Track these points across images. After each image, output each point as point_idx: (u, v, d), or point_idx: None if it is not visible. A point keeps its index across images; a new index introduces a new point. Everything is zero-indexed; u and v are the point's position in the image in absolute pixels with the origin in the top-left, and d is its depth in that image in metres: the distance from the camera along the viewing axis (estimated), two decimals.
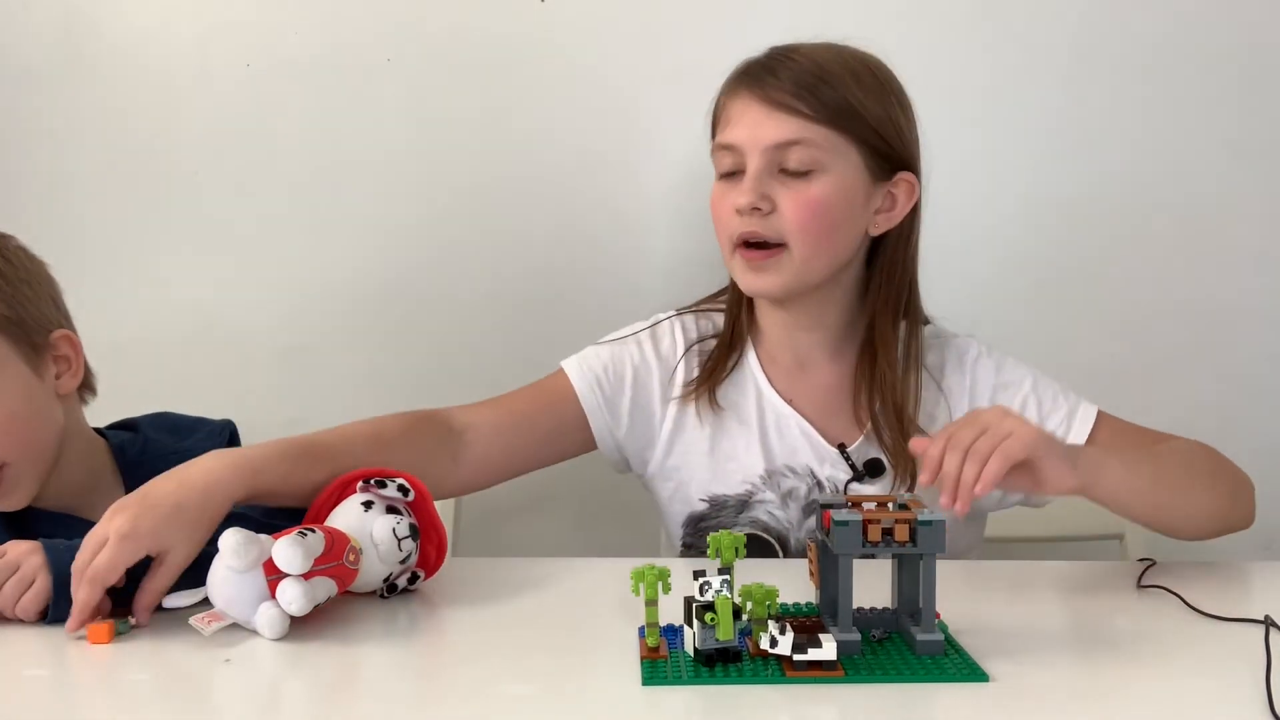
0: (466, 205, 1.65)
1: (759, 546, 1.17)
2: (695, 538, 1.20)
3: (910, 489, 1.15)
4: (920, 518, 0.81)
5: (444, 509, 1.31)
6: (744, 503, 1.18)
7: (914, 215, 1.17)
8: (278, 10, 1.62)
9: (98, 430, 1.21)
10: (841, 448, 1.17)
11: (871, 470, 1.17)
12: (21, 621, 0.92)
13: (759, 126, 1.11)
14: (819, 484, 1.17)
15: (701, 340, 1.23)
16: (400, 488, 0.99)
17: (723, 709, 0.76)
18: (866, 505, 0.85)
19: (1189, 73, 1.59)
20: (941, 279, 1.27)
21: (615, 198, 1.63)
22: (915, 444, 0.94)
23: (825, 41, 1.15)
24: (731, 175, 1.14)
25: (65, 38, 1.64)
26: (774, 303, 1.18)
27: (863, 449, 1.18)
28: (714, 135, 1.18)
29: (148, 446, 1.18)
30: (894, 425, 1.15)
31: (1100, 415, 1.17)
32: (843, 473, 1.17)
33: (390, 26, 1.62)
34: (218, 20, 1.63)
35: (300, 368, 1.67)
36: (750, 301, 1.21)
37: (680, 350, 1.22)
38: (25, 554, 0.93)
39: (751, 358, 1.22)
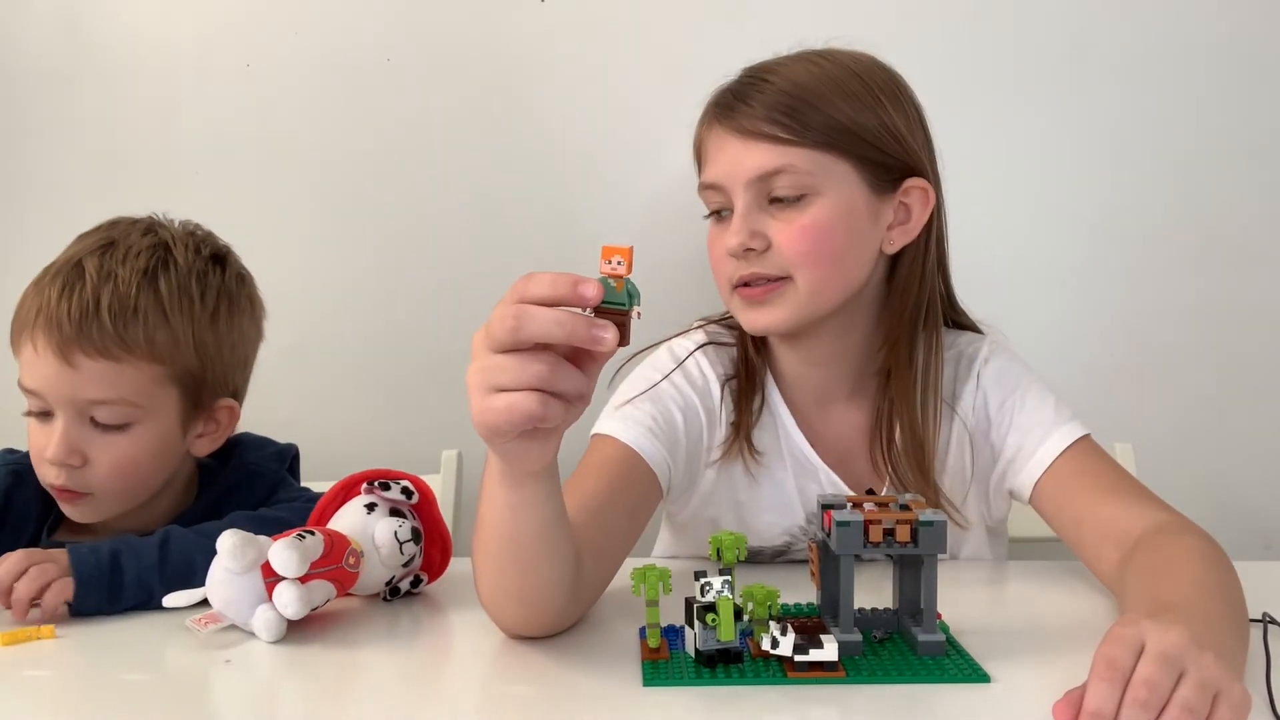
0: (466, 205, 1.65)
1: None
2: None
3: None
4: (922, 518, 0.81)
5: (445, 511, 1.32)
6: (781, 551, 1.13)
7: (932, 223, 1.08)
8: (278, 10, 1.62)
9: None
10: (870, 494, 1.05)
11: None
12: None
13: (736, 160, 1.03)
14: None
15: (729, 380, 1.13)
16: (404, 490, 0.99)
17: (724, 710, 0.76)
18: (868, 505, 0.85)
19: (1188, 73, 1.59)
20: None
21: (615, 198, 1.63)
22: (1059, 709, 0.69)
23: (809, 51, 1.08)
24: (721, 214, 1.07)
25: (65, 38, 1.64)
26: (784, 339, 1.10)
27: (894, 492, 1.08)
28: (699, 173, 1.11)
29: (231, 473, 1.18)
30: (914, 468, 1.07)
31: (1078, 443, 1.05)
32: None
33: (390, 26, 1.62)
34: (218, 20, 1.63)
35: (300, 368, 1.67)
36: (764, 342, 1.13)
37: (715, 389, 1.12)
38: (56, 553, 0.95)
39: (776, 398, 1.12)
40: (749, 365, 1.12)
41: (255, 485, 1.15)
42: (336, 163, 1.64)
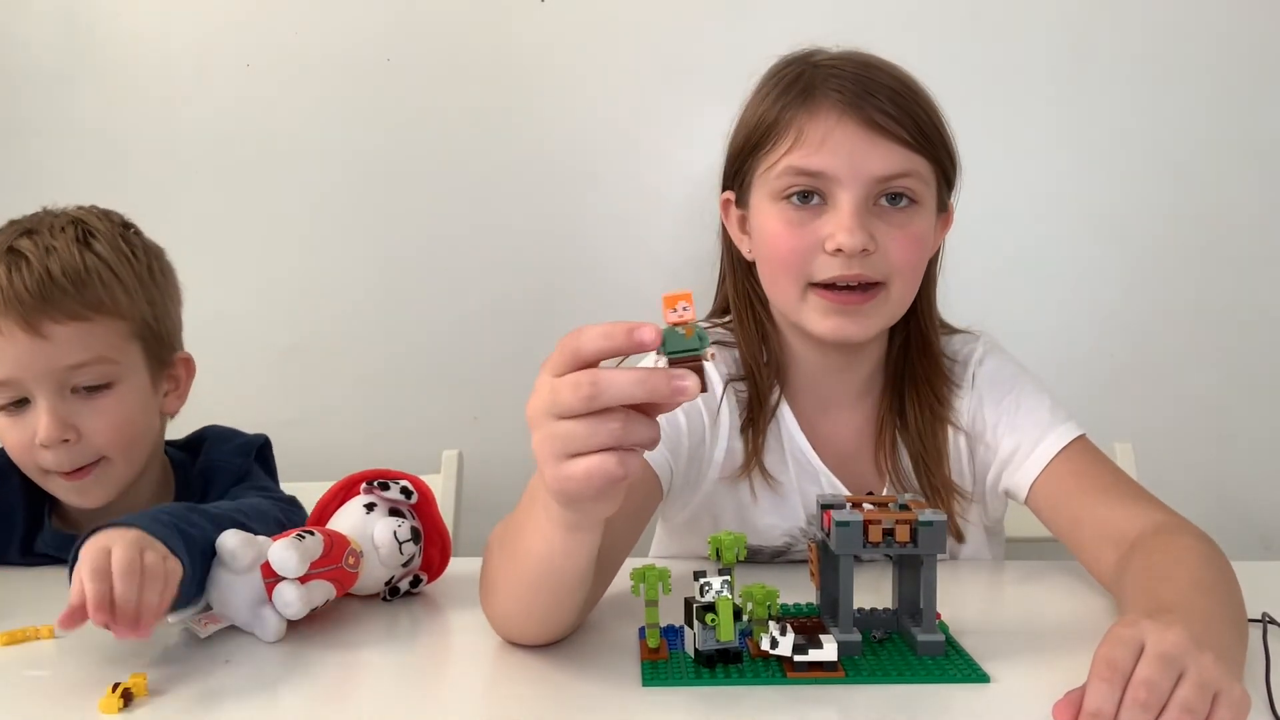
0: (466, 205, 1.65)
1: None
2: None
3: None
4: (921, 518, 0.81)
5: (445, 511, 1.32)
6: (780, 551, 1.12)
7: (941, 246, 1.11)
8: (278, 10, 1.62)
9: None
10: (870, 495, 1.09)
11: None
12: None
13: (862, 155, 0.98)
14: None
15: (732, 381, 1.10)
16: (403, 490, 0.98)
17: (723, 710, 0.76)
18: (867, 505, 0.85)
19: (1190, 73, 1.59)
20: (941, 278, 1.27)
21: (615, 198, 1.64)
22: (1059, 709, 0.69)
23: (868, 53, 1.05)
24: (802, 202, 1.00)
25: (65, 38, 1.64)
26: (824, 345, 1.07)
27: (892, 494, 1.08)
28: (760, 150, 1.04)
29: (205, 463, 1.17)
30: (918, 472, 1.08)
31: (1074, 443, 1.04)
32: None
33: (390, 26, 1.62)
34: (218, 20, 1.63)
35: (300, 368, 1.67)
36: (772, 341, 1.10)
37: (720, 390, 1.09)
38: (160, 552, 0.83)
39: (783, 405, 1.10)
40: (761, 377, 1.09)
41: (216, 481, 1.15)
42: (336, 163, 1.64)
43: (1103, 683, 0.67)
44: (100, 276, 1.07)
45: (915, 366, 1.10)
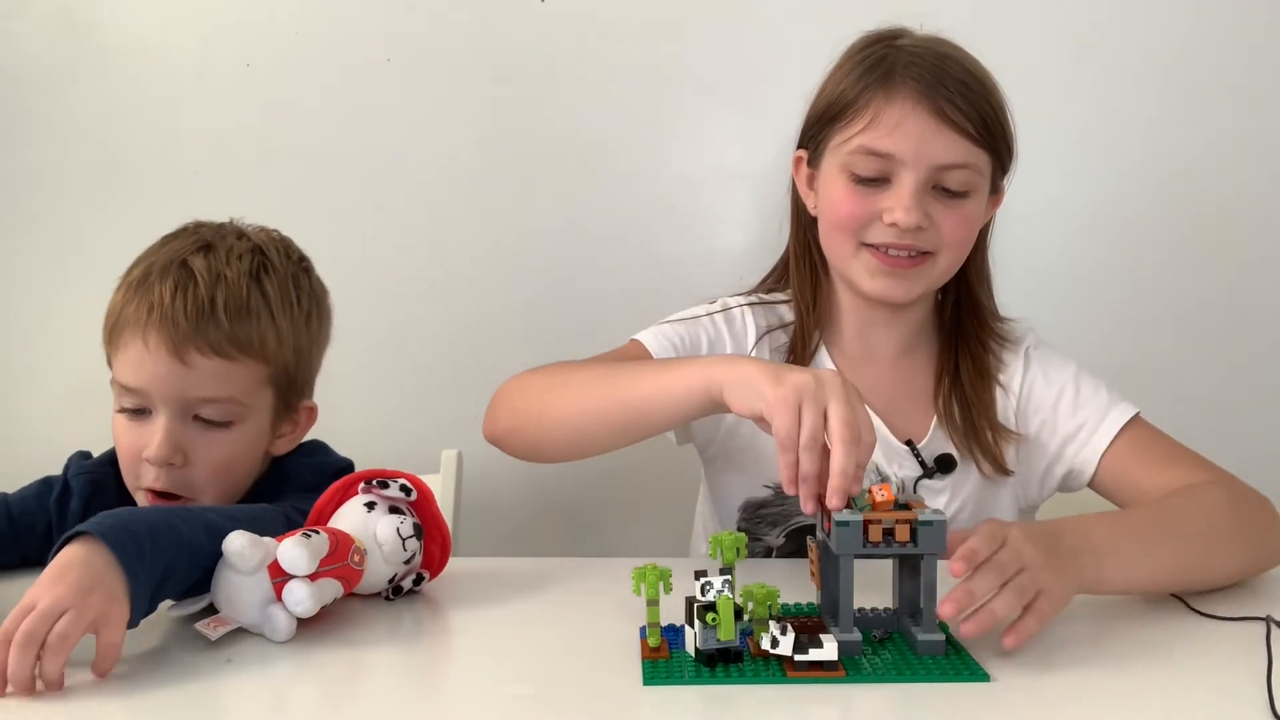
0: (465, 205, 1.65)
1: None
2: (751, 524, 1.18)
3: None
4: (921, 517, 0.81)
5: (445, 511, 1.31)
6: None
7: (991, 219, 1.19)
8: (278, 10, 1.62)
9: None
10: (910, 444, 1.15)
11: (943, 466, 1.15)
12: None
13: (928, 143, 1.07)
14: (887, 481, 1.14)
15: (770, 331, 1.19)
16: (403, 488, 0.98)
17: (724, 709, 0.76)
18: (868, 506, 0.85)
19: (1191, 73, 1.59)
20: None
21: (616, 198, 1.63)
22: (953, 566, 0.81)
23: (947, 40, 1.14)
24: (869, 178, 1.09)
25: (65, 38, 1.64)
26: (867, 300, 1.16)
27: (932, 444, 1.16)
28: (837, 122, 1.11)
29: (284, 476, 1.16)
30: (970, 416, 1.15)
31: (1133, 421, 1.13)
32: (912, 470, 1.15)
33: (390, 26, 1.62)
34: (218, 20, 1.63)
35: None
36: (823, 291, 1.19)
37: (752, 338, 1.19)
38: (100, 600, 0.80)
39: (822, 351, 1.19)
40: (805, 327, 1.18)
41: (285, 485, 1.13)
42: (336, 163, 1.64)
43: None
44: (259, 318, 1.06)
45: (965, 326, 1.19)
